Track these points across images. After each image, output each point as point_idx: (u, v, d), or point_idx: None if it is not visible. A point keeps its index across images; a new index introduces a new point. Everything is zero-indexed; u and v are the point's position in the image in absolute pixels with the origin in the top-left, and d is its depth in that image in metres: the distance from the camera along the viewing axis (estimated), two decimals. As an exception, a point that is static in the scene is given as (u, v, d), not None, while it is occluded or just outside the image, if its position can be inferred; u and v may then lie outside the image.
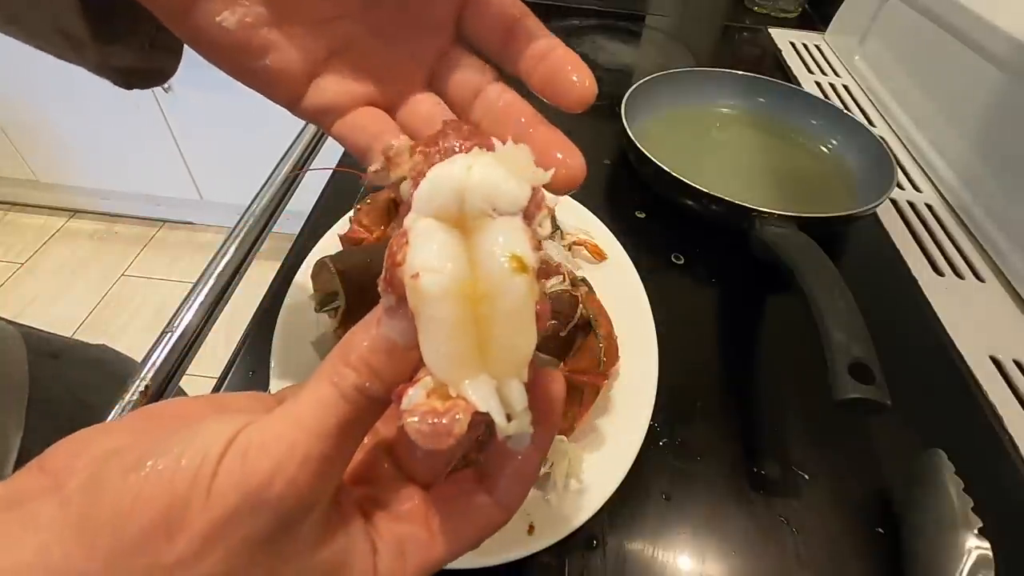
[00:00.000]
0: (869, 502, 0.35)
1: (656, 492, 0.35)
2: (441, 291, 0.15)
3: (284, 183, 0.44)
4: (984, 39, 0.56)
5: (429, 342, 0.15)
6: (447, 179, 0.16)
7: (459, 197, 0.16)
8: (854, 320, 0.34)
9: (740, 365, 0.43)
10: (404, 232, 0.16)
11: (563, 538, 0.30)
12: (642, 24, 0.93)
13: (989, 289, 0.50)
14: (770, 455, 0.37)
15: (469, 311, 0.15)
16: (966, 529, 0.29)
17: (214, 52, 0.20)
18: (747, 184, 0.56)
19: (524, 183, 0.16)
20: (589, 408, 0.34)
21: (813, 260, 0.40)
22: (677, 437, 0.37)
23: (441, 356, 0.15)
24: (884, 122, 0.71)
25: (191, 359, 0.36)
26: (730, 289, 0.48)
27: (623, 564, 0.32)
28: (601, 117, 0.67)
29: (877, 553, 0.33)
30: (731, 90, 0.65)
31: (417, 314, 0.15)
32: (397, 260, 0.15)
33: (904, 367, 0.40)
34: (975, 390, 0.42)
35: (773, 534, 0.33)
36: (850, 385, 0.31)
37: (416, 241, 0.16)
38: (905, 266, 0.52)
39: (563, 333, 0.33)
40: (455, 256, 0.15)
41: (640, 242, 0.47)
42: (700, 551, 0.32)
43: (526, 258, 0.15)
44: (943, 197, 0.60)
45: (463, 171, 0.16)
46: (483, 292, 0.15)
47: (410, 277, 0.15)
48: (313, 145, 0.49)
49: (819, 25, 0.93)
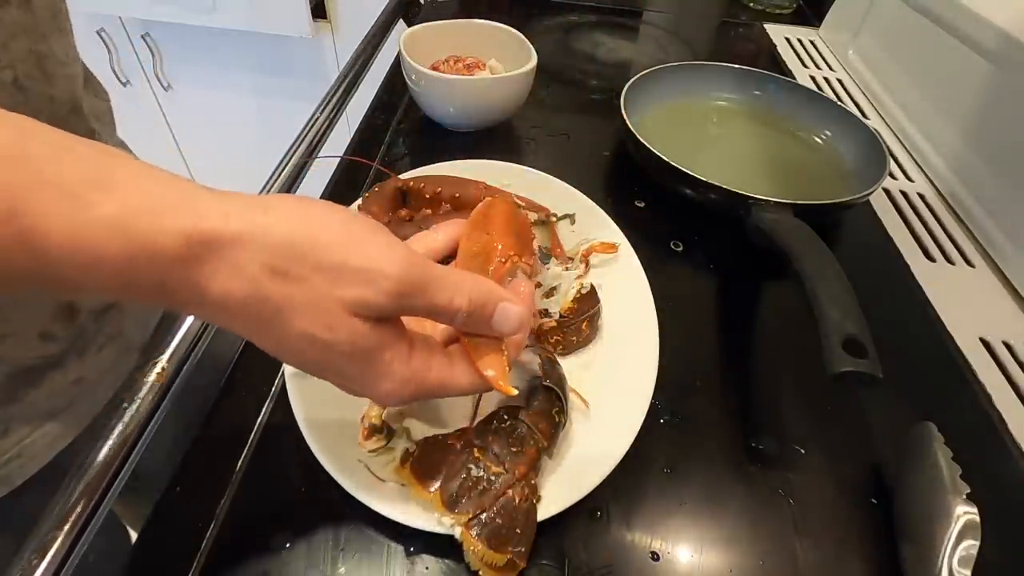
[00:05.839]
0: (863, 474, 0.37)
1: (658, 465, 0.36)
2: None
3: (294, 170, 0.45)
4: (973, 32, 0.58)
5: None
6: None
7: None
8: (847, 298, 0.35)
9: (738, 346, 0.44)
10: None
11: (568, 508, 0.31)
12: (640, 20, 0.94)
13: (979, 274, 0.52)
14: (767, 430, 0.38)
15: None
16: (955, 495, 0.30)
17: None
18: (743, 174, 0.58)
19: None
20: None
21: (808, 242, 0.41)
22: (678, 414, 0.38)
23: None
24: (877, 114, 0.72)
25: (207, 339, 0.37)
26: (728, 274, 0.49)
27: (626, 534, 0.33)
28: (601, 110, 0.68)
29: (871, 521, 0.34)
30: (727, 83, 0.66)
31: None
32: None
33: (897, 349, 0.41)
34: (965, 370, 0.43)
35: (771, 505, 0.35)
36: (844, 359, 0.32)
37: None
38: (898, 253, 0.53)
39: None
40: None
41: (640, 231, 0.48)
42: (701, 521, 0.34)
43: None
44: (934, 186, 0.62)
45: None
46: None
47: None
48: (321, 133, 0.51)
49: (813, 21, 0.94)
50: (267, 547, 0.31)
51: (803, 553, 0.33)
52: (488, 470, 0.31)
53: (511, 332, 0.27)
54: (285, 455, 0.35)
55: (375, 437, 0.32)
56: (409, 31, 0.61)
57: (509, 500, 0.30)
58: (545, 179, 0.50)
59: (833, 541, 0.33)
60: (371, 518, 0.31)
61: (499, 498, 0.30)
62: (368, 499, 0.31)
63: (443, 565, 0.31)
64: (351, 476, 0.31)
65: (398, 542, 0.31)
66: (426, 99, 0.59)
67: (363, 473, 0.32)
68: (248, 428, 0.36)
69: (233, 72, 1.40)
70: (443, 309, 0.25)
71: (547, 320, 0.39)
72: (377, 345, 0.24)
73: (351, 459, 0.32)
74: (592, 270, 0.44)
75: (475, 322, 0.26)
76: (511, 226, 0.38)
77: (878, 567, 0.32)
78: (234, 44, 1.33)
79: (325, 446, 0.32)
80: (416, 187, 0.44)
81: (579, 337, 0.39)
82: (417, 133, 0.63)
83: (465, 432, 0.33)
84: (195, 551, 0.31)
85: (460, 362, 0.27)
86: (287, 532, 0.32)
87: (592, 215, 0.48)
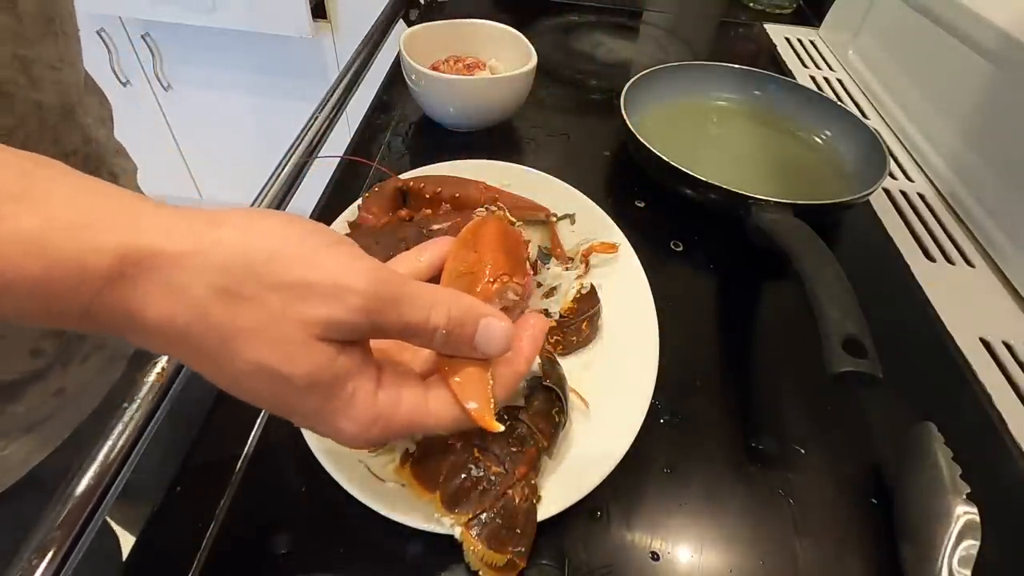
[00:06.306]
0: (863, 474, 0.37)
1: (658, 465, 0.36)
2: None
3: (294, 170, 0.45)
4: (973, 32, 0.58)
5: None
6: None
7: None
8: (847, 298, 0.35)
9: (738, 346, 0.44)
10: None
11: (568, 508, 0.31)
12: (640, 20, 0.94)
13: (979, 274, 0.52)
14: (767, 430, 0.38)
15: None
16: (955, 495, 0.30)
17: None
18: (743, 174, 0.58)
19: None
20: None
21: (807, 242, 0.41)
22: (678, 414, 0.38)
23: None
24: (877, 114, 0.72)
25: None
26: (728, 274, 0.49)
27: (626, 534, 0.33)
28: (601, 110, 0.68)
29: (871, 521, 0.34)
30: (728, 83, 0.66)
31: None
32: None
33: (897, 348, 0.41)
34: (965, 370, 0.43)
35: (771, 505, 0.35)
36: (844, 359, 0.32)
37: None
38: (898, 253, 0.53)
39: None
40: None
41: (640, 231, 0.48)
42: (701, 521, 0.34)
43: None
44: (934, 186, 0.62)
45: None
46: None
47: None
48: (321, 133, 0.51)
49: (813, 21, 0.94)
50: (267, 548, 0.31)
51: (803, 553, 0.33)
52: (488, 470, 0.31)
53: (497, 352, 0.24)
54: (285, 455, 0.35)
55: (375, 437, 0.32)
56: (409, 31, 0.61)
57: (509, 500, 0.30)
58: (545, 179, 0.50)
59: (833, 541, 0.33)
60: (371, 518, 0.30)
61: (499, 498, 0.30)
62: (368, 499, 0.31)
63: (443, 565, 0.31)
64: (351, 476, 0.31)
65: (398, 542, 0.31)
66: (426, 99, 0.59)
67: (363, 473, 0.32)
68: (248, 428, 0.36)
69: (233, 72, 1.40)
70: (418, 328, 0.22)
71: (547, 320, 0.39)
72: (339, 375, 0.21)
73: (351, 459, 0.32)
74: (592, 270, 0.44)
75: (455, 342, 0.23)
76: (502, 244, 0.34)
77: (878, 567, 0.32)
78: (234, 44, 1.33)
79: (325, 446, 0.32)
80: (416, 187, 0.44)
81: (579, 337, 0.39)
82: (417, 133, 0.63)
83: (465, 432, 0.33)
84: (195, 551, 0.31)
85: (437, 395, 0.24)
86: (287, 533, 0.32)
87: (592, 215, 0.48)
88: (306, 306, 0.20)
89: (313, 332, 0.20)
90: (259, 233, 0.20)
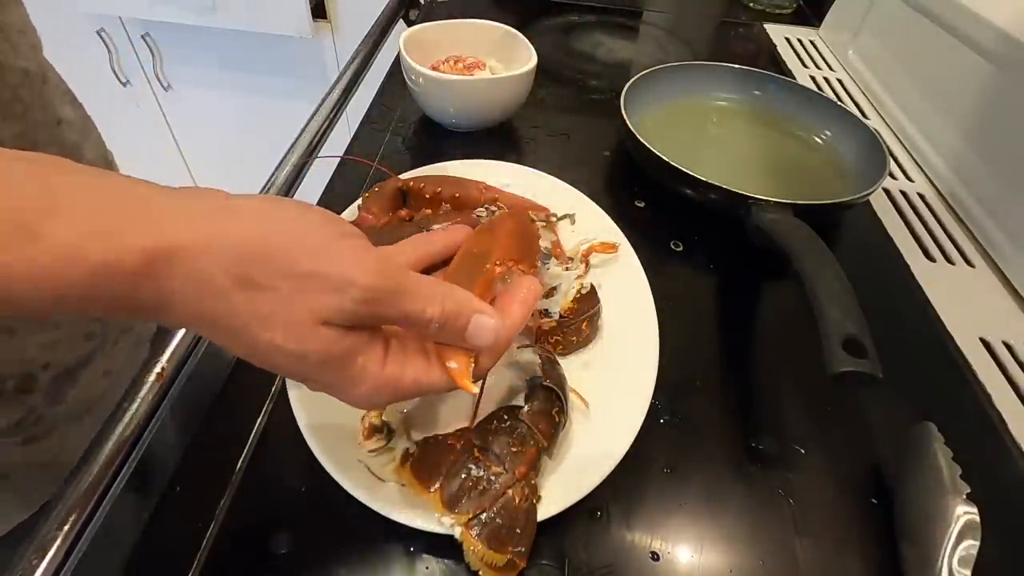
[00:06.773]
0: (863, 474, 0.37)
1: (658, 465, 0.36)
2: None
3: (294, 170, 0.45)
4: (973, 32, 0.58)
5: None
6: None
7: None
8: (847, 298, 0.35)
9: (738, 346, 0.44)
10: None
11: (568, 508, 0.31)
12: (640, 20, 0.94)
13: (979, 274, 0.52)
14: (767, 430, 0.38)
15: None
16: (955, 495, 0.30)
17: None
18: (743, 174, 0.58)
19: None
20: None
21: (807, 242, 0.41)
22: (678, 414, 0.38)
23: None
24: (877, 114, 0.72)
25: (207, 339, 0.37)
26: (728, 275, 0.49)
27: (626, 534, 0.33)
28: (601, 110, 0.68)
29: (871, 521, 0.34)
30: (727, 83, 0.66)
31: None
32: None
33: (897, 348, 0.41)
34: (965, 370, 0.43)
35: (771, 505, 0.35)
36: (844, 359, 0.32)
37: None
38: (898, 253, 0.53)
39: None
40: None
41: (640, 231, 0.48)
42: (701, 521, 0.34)
43: None
44: (935, 186, 0.62)
45: None
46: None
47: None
48: (321, 133, 0.51)
49: (813, 21, 0.94)
50: (267, 548, 0.31)
51: (803, 553, 0.33)
52: (488, 470, 0.31)
53: (486, 345, 0.26)
54: (285, 455, 0.35)
55: (375, 437, 0.32)
56: (409, 31, 0.61)
57: (509, 500, 0.30)
58: (545, 179, 0.50)
59: (833, 541, 0.33)
60: (371, 518, 0.30)
61: (499, 498, 0.30)
62: (368, 499, 0.31)
63: (443, 565, 0.31)
64: (351, 476, 0.31)
65: (398, 542, 0.31)
66: (426, 99, 0.59)
67: (363, 473, 0.32)
68: (248, 428, 0.36)
69: (233, 72, 1.40)
70: (415, 319, 0.25)
71: (547, 320, 0.39)
72: (348, 351, 0.24)
73: (351, 459, 0.32)
74: (592, 270, 0.44)
75: (448, 334, 0.26)
76: (517, 234, 0.37)
77: (878, 567, 0.32)
78: (234, 44, 1.33)
79: (325, 446, 0.32)
80: (416, 187, 0.44)
81: (579, 337, 0.39)
82: (417, 133, 0.63)
83: (465, 432, 0.33)
84: (195, 551, 0.31)
85: (436, 361, 0.27)
86: (287, 532, 0.32)
87: (592, 215, 0.48)
88: (315, 295, 0.22)
89: (321, 318, 0.22)
90: (275, 223, 0.23)
